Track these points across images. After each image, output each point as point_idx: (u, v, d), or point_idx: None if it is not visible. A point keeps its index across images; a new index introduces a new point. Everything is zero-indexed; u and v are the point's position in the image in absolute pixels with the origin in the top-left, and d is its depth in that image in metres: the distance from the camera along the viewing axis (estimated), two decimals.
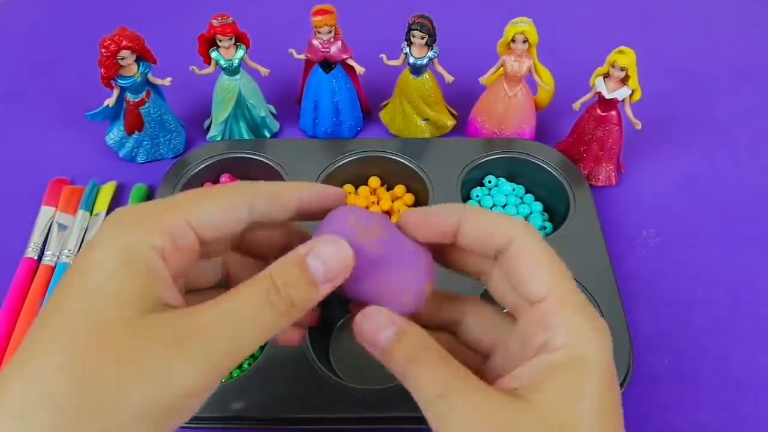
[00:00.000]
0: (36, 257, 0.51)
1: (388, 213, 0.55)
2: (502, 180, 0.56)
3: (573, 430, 0.21)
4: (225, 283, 0.29)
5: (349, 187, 0.56)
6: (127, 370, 0.20)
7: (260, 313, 0.22)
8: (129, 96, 0.55)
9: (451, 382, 0.22)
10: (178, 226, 0.23)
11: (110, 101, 0.55)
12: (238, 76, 0.57)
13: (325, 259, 0.23)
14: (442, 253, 0.28)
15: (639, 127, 0.54)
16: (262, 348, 0.45)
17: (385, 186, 0.57)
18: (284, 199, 0.26)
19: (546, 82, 0.56)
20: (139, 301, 0.21)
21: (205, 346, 0.21)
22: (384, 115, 0.62)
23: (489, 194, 0.56)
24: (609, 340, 0.23)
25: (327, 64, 0.57)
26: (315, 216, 0.27)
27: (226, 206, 0.24)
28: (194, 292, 0.28)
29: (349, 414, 0.40)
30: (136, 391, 0.20)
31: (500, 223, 0.25)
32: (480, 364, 0.27)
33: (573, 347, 0.22)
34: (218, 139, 0.60)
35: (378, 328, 0.24)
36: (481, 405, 0.22)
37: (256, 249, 0.29)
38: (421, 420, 0.24)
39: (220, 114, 0.58)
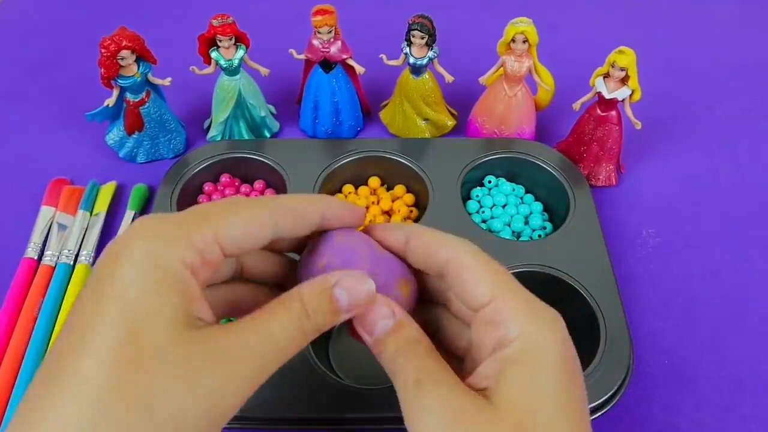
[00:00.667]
0: (36, 257, 0.51)
1: (388, 213, 0.55)
2: (502, 180, 0.56)
3: (534, 419, 0.22)
4: (240, 276, 0.29)
5: (349, 187, 0.56)
6: (172, 382, 0.20)
7: (294, 337, 0.24)
8: (129, 96, 0.55)
9: (429, 372, 0.24)
10: (207, 242, 0.23)
11: (110, 101, 0.55)
12: (238, 76, 0.57)
13: (352, 293, 0.25)
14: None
15: (639, 127, 0.54)
16: None
17: (385, 186, 0.57)
18: (308, 215, 0.27)
19: (546, 82, 0.56)
20: (178, 318, 0.21)
21: (248, 366, 0.22)
22: (384, 115, 0.62)
23: (489, 194, 0.56)
24: (562, 326, 0.24)
25: (327, 64, 0.57)
26: (331, 228, 0.28)
27: (253, 224, 0.25)
28: (210, 287, 0.28)
29: (349, 414, 0.40)
30: (178, 404, 0.20)
31: (441, 242, 0.27)
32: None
33: (525, 337, 0.23)
34: (218, 139, 0.60)
35: (380, 317, 0.25)
36: (449, 397, 0.23)
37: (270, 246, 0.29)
38: None
39: (220, 114, 0.58)
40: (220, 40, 0.54)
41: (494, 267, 0.26)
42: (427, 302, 0.30)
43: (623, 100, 0.53)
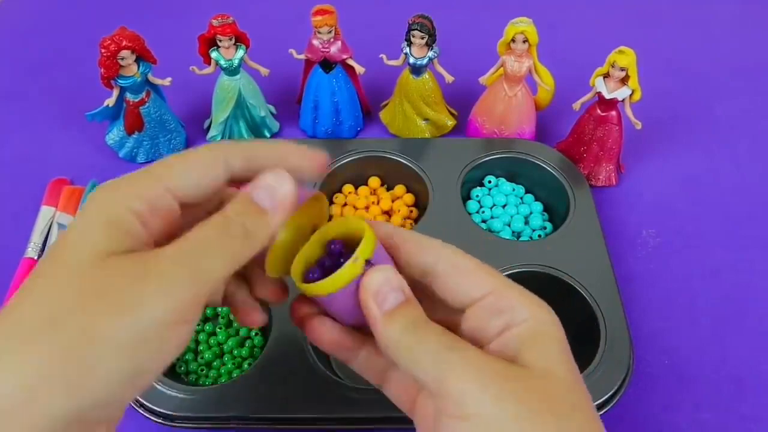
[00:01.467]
0: (36, 257, 0.51)
1: (388, 213, 0.55)
2: (502, 180, 0.56)
3: (556, 375, 0.24)
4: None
5: (349, 187, 0.56)
6: (96, 304, 0.21)
7: (218, 239, 0.23)
8: (129, 96, 0.55)
9: (456, 340, 0.24)
10: (155, 192, 0.24)
11: (110, 101, 0.55)
12: (238, 76, 0.57)
13: (270, 190, 0.25)
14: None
15: (639, 127, 0.54)
16: (262, 348, 0.45)
17: (385, 186, 0.57)
18: (261, 160, 0.26)
19: (546, 82, 0.56)
20: (110, 248, 0.22)
21: (170, 273, 0.22)
22: (384, 115, 0.62)
23: (489, 194, 0.56)
24: (550, 309, 0.26)
25: (327, 64, 0.57)
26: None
27: (199, 165, 0.25)
28: None
29: (349, 414, 0.40)
30: (107, 323, 0.20)
31: (427, 244, 0.28)
32: None
33: (536, 318, 0.25)
34: (218, 139, 0.60)
35: (390, 287, 0.25)
36: (484, 359, 0.24)
37: None
38: None
39: (220, 114, 0.58)
40: (220, 40, 0.54)
41: (480, 263, 0.27)
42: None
43: (623, 100, 0.53)
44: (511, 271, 0.47)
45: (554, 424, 0.22)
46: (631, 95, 0.52)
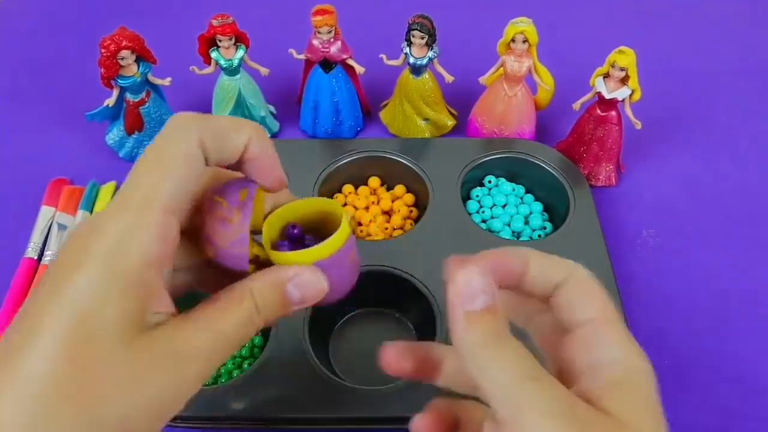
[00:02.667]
0: (36, 257, 0.51)
1: (388, 213, 0.55)
2: (502, 180, 0.56)
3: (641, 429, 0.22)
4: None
5: (349, 187, 0.56)
6: (120, 385, 0.20)
7: (244, 332, 0.24)
8: (129, 96, 0.55)
9: (541, 371, 0.22)
10: (163, 230, 0.23)
11: (110, 101, 0.55)
12: (238, 76, 0.57)
13: (304, 290, 0.25)
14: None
15: (639, 127, 0.54)
16: (262, 348, 0.45)
17: (385, 186, 0.57)
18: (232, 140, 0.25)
19: (546, 82, 0.56)
20: (132, 320, 0.21)
21: (197, 366, 0.23)
22: (384, 115, 0.62)
23: (489, 194, 0.56)
24: (647, 360, 0.25)
25: (327, 64, 0.57)
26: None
27: (183, 170, 0.23)
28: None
29: (349, 414, 0.40)
30: (125, 406, 0.21)
31: (558, 262, 0.26)
32: None
33: (629, 363, 0.24)
34: None
35: (480, 287, 0.23)
36: (567, 398, 0.22)
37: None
38: None
39: (220, 114, 0.58)
40: (220, 40, 0.54)
41: (604, 294, 0.25)
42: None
43: (623, 100, 0.53)
44: None
45: None
46: (631, 95, 0.52)
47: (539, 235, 0.53)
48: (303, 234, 0.28)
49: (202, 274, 0.28)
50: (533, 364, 0.22)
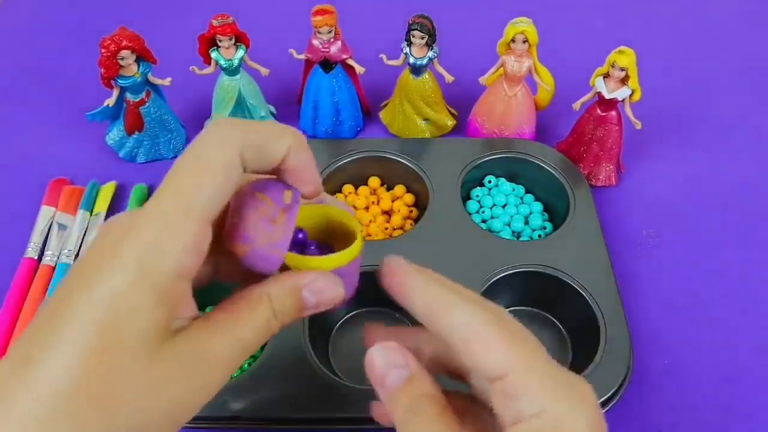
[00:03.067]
0: (36, 257, 0.51)
1: (388, 213, 0.55)
2: (502, 180, 0.56)
3: None
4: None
5: (349, 187, 0.56)
6: (140, 392, 0.21)
7: (261, 338, 0.25)
8: (129, 96, 0.55)
9: None
10: (197, 238, 0.22)
11: (110, 101, 0.55)
12: (238, 76, 0.57)
13: (321, 296, 0.26)
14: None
15: (639, 127, 0.54)
16: (262, 348, 0.45)
17: (385, 186, 0.57)
18: (271, 152, 0.25)
19: (546, 82, 0.56)
20: (156, 329, 0.21)
21: (216, 372, 0.23)
22: (384, 115, 0.62)
23: (489, 194, 0.56)
24: (589, 397, 0.23)
25: (327, 64, 0.57)
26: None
27: (221, 179, 0.23)
28: None
29: (348, 414, 0.40)
30: (144, 412, 0.21)
31: (450, 302, 0.24)
32: (490, 427, 0.26)
33: (547, 415, 0.22)
34: None
35: (393, 365, 0.25)
36: None
37: None
38: None
39: (220, 114, 0.58)
40: (220, 40, 0.54)
41: (509, 335, 0.23)
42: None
43: (623, 100, 0.53)
44: (511, 271, 0.47)
45: None
46: (631, 95, 0.52)
47: (539, 235, 0.53)
48: (307, 240, 0.27)
49: (220, 266, 0.28)
50: (456, 428, 0.23)
